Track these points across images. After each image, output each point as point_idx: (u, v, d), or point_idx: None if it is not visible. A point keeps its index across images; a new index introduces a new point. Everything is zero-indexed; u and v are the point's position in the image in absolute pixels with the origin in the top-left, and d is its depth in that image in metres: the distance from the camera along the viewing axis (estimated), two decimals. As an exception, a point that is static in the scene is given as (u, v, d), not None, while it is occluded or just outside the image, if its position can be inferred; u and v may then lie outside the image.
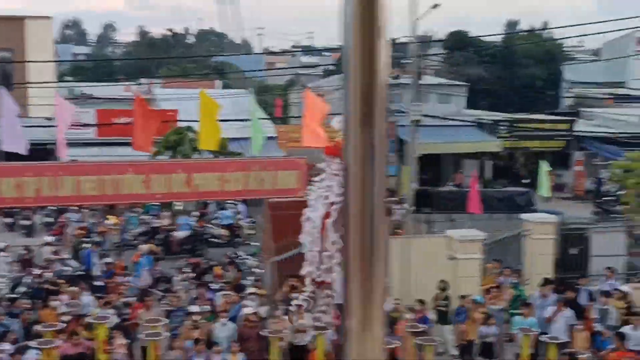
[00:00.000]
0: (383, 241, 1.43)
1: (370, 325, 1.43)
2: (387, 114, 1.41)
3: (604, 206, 27.69)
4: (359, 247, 1.42)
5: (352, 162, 1.41)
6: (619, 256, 17.41)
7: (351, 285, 1.42)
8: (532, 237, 16.62)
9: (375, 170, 1.41)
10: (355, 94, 1.38)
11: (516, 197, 22.71)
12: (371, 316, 1.43)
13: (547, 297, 13.88)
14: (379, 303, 1.43)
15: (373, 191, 1.42)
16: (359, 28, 1.34)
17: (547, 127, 34.79)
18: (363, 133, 1.40)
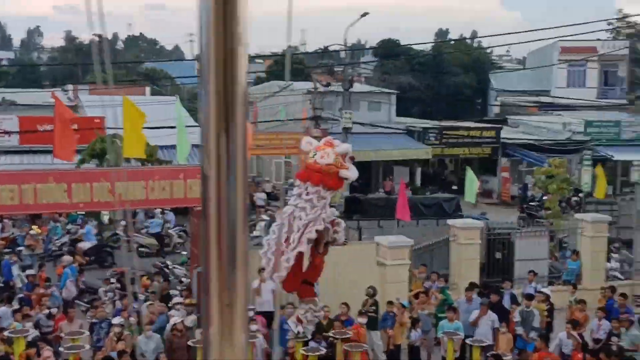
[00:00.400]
0: (244, 250, 1.40)
1: (231, 334, 1.40)
2: (247, 121, 1.38)
3: (529, 211, 28.51)
4: (217, 255, 1.38)
5: (210, 170, 1.37)
6: (541, 260, 17.91)
7: (211, 293, 1.39)
8: (459, 243, 16.95)
9: (237, 178, 1.38)
10: (213, 101, 1.34)
11: (444, 203, 23.15)
12: (231, 325, 1.40)
13: (473, 301, 14.14)
14: (239, 312, 1.40)
15: (232, 199, 1.38)
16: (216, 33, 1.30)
17: (475, 135, 35.65)
18: (222, 140, 1.36)
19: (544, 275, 17.66)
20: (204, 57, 1.32)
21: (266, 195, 31.91)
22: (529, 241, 17.93)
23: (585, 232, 18.09)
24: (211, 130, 1.35)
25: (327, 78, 33.44)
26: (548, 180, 23.19)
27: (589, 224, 18.09)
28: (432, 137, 35.00)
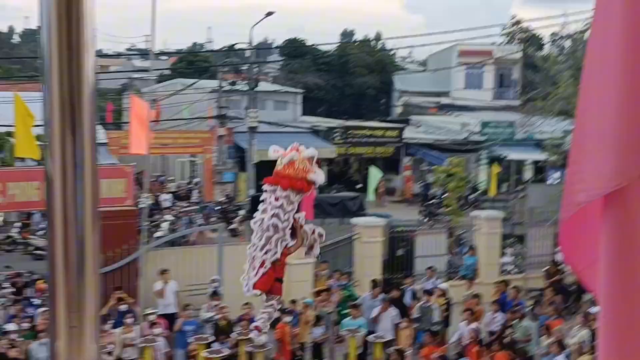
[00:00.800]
0: (93, 255, 1.35)
1: (80, 349, 1.35)
2: (94, 121, 1.34)
3: (429, 209, 29.32)
4: (64, 262, 1.33)
5: (55, 173, 1.32)
6: (440, 256, 18.47)
7: (57, 303, 1.33)
8: (362, 241, 17.23)
9: (84, 180, 1.33)
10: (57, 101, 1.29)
11: (347, 201, 23.45)
12: (80, 341, 1.35)
13: (375, 298, 14.42)
14: (89, 320, 1.35)
15: (80, 206, 1.33)
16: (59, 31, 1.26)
17: (378, 134, 36.33)
18: (67, 142, 1.31)
19: (442, 271, 18.22)
20: (45, 52, 1.26)
21: (171, 194, 31.34)
22: (428, 238, 18.46)
23: (480, 228, 18.79)
24: (55, 131, 1.29)
25: (233, 76, 33.21)
26: (447, 179, 23.93)
27: (484, 220, 18.80)
28: (337, 136, 35.40)
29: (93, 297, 1.34)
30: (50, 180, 1.31)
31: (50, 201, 1.32)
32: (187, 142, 32.22)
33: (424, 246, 18.36)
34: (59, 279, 1.33)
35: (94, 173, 1.34)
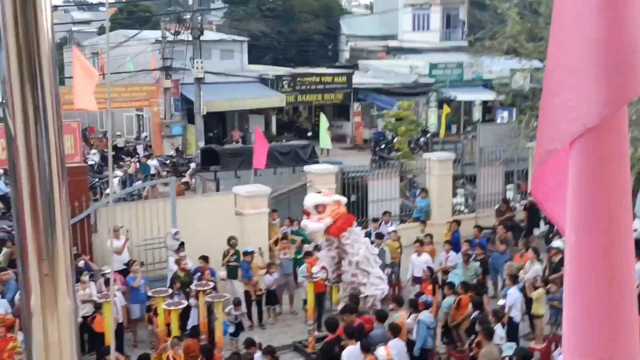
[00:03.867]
0: (62, 210, 1.30)
1: (54, 302, 1.32)
2: (55, 74, 1.27)
3: (380, 154, 29.53)
4: (33, 223, 1.28)
5: (17, 129, 1.25)
6: (393, 200, 18.69)
7: (29, 261, 1.29)
8: (315, 188, 17.25)
9: (49, 134, 1.27)
10: (15, 56, 1.22)
11: (299, 150, 23.37)
12: (55, 292, 1.31)
13: (331, 244, 14.55)
14: (62, 276, 1.31)
15: (45, 157, 1.27)
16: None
17: (327, 81, 36.13)
18: (28, 98, 1.25)
19: (396, 214, 18.46)
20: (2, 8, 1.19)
21: (119, 150, 30.76)
22: (381, 182, 18.60)
23: (432, 170, 19.04)
24: (14, 87, 1.23)
25: (176, 26, 32.35)
26: (397, 123, 24.05)
27: (436, 162, 19.04)
28: (285, 84, 35.09)
29: (64, 251, 1.30)
30: (12, 137, 1.25)
31: (13, 158, 1.26)
32: (132, 95, 31.51)
33: (376, 191, 18.52)
34: (29, 236, 1.28)
35: (59, 127, 1.28)
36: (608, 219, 1.59)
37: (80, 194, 14.32)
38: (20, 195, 1.27)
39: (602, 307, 1.61)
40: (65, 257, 1.31)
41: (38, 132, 1.26)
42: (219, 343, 11.84)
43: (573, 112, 1.56)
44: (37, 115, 1.25)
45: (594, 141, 1.57)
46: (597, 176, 1.59)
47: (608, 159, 1.59)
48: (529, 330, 12.92)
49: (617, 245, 1.61)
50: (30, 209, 1.27)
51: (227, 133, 35.05)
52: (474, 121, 37.16)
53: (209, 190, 20.66)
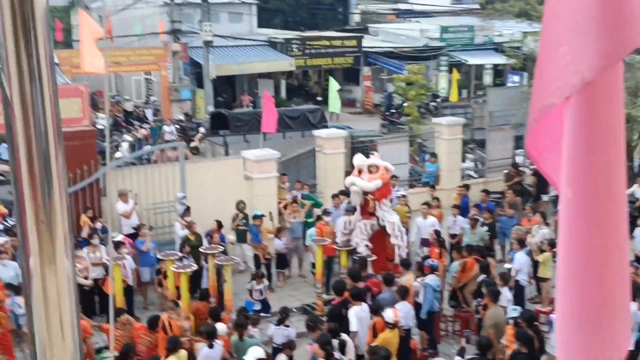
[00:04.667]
0: (59, 173, 1.32)
1: (53, 263, 1.34)
2: (50, 37, 1.28)
3: (390, 118, 29.41)
4: (30, 182, 1.30)
5: (13, 92, 1.26)
6: (403, 164, 18.67)
7: (27, 221, 1.31)
8: (324, 153, 17.28)
9: (44, 99, 1.28)
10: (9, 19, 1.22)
11: (308, 114, 23.32)
12: (53, 253, 1.34)
13: (337, 208, 14.61)
14: (60, 237, 1.34)
15: (41, 120, 1.29)
16: None
17: (337, 44, 35.83)
18: (23, 62, 1.25)
19: (405, 179, 18.47)
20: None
21: (128, 114, 30.78)
22: (391, 147, 18.56)
23: (441, 135, 18.97)
24: (9, 50, 1.23)
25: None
26: (407, 87, 23.89)
27: (445, 127, 18.95)
28: (295, 48, 34.84)
29: (63, 214, 1.32)
30: (8, 101, 1.27)
31: (10, 122, 1.28)
32: (140, 59, 31.36)
33: (386, 155, 18.47)
34: (27, 198, 1.30)
35: (54, 91, 1.29)
36: (604, 173, 1.60)
37: (89, 158, 14.40)
38: (17, 158, 1.29)
39: (595, 262, 1.63)
40: (62, 218, 1.33)
41: (34, 95, 1.27)
42: (228, 305, 12.00)
43: (571, 65, 1.56)
44: (33, 78, 1.26)
45: (590, 96, 1.58)
46: (593, 131, 1.60)
47: (603, 113, 1.59)
48: (536, 293, 13.02)
49: (612, 200, 1.62)
50: (27, 171, 1.29)
51: (237, 97, 34.95)
52: (485, 85, 36.85)
53: (218, 154, 20.72)
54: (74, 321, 1.47)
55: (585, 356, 1.70)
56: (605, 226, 1.62)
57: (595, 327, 1.66)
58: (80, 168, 14.11)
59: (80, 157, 13.88)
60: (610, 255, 1.63)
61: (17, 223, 1.36)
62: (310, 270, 14.35)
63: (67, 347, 1.48)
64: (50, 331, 1.45)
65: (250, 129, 22.10)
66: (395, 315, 9.32)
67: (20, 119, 1.26)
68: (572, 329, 1.69)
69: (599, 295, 1.64)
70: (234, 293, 12.64)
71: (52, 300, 1.38)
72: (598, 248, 1.62)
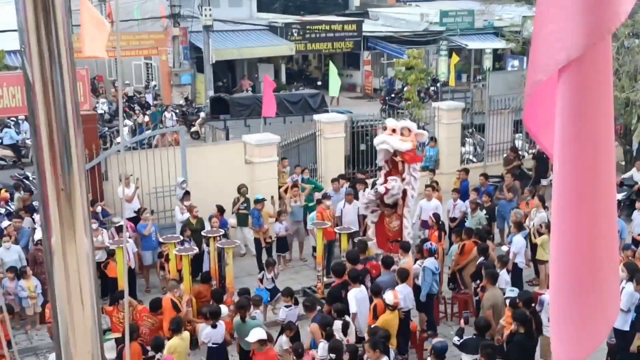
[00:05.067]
0: (78, 153, 1.40)
1: (73, 242, 1.42)
2: (69, 23, 1.35)
3: (390, 103, 29.41)
4: (51, 162, 1.38)
5: (35, 76, 1.33)
6: (402, 148, 18.69)
7: (49, 202, 1.39)
8: (325, 137, 17.34)
9: (64, 80, 1.35)
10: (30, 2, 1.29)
11: (309, 99, 23.35)
12: (73, 230, 1.42)
13: (337, 192, 14.71)
14: (79, 217, 1.42)
15: (61, 102, 1.36)
16: None
17: (337, 29, 35.75)
18: (43, 42, 1.33)
19: (405, 163, 18.51)
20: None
21: (129, 99, 30.77)
22: (390, 131, 18.58)
23: (441, 119, 19.02)
24: (31, 34, 1.30)
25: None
26: (407, 72, 23.85)
27: (445, 111, 19.00)
28: (295, 32, 34.76)
29: (82, 192, 1.40)
30: (30, 84, 1.34)
31: (32, 104, 1.35)
32: (140, 44, 31.34)
33: (386, 139, 18.52)
34: (48, 179, 1.37)
35: (73, 73, 1.36)
36: (591, 146, 1.68)
37: (89, 142, 14.43)
38: (39, 140, 1.36)
39: (585, 232, 1.71)
40: (82, 199, 1.40)
41: (54, 77, 1.33)
42: (230, 288, 12.12)
43: (558, 42, 1.63)
44: (53, 62, 1.33)
45: (580, 72, 1.65)
46: (581, 105, 1.67)
47: (592, 89, 1.67)
48: (534, 276, 13.15)
49: (599, 170, 1.70)
50: (49, 152, 1.36)
51: (237, 82, 34.93)
52: (484, 70, 36.80)
53: (218, 139, 20.78)
54: (92, 290, 1.56)
55: (577, 327, 1.78)
56: (593, 195, 1.70)
57: (586, 297, 1.75)
58: (83, 152, 14.19)
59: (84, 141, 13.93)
60: (599, 225, 1.71)
61: (39, 204, 1.42)
62: (312, 254, 14.48)
63: (87, 315, 1.57)
64: (70, 302, 1.53)
65: (251, 114, 22.17)
66: (395, 297, 9.44)
67: (42, 100, 1.33)
68: (564, 299, 1.78)
69: (589, 264, 1.72)
70: (235, 276, 12.77)
71: (73, 278, 1.46)
72: (587, 218, 1.70)
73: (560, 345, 1.77)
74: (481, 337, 8.68)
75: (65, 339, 1.55)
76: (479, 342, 8.50)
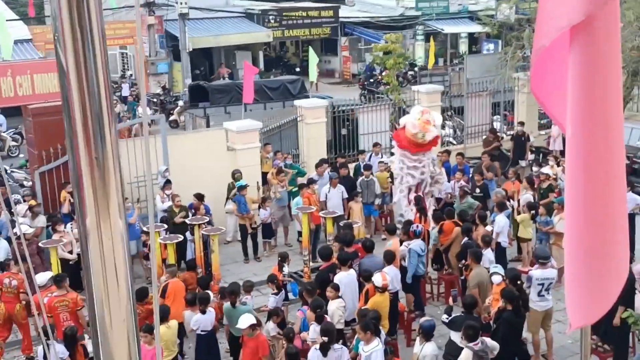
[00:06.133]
0: (113, 145, 1.45)
1: (106, 221, 1.49)
2: (101, 10, 1.39)
3: (369, 87, 29.50)
4: (86, 148, 1.43)
5: (69, 63, 1.38)
6: (383, 132, 18.84)
7: (84, 185, 1.45)
8: (306, 122, 17.38)
9: (97, 67, 1.40)
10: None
11: (288, 85, 23.34)
12: (106, 212, 1.48)
13: (321, 176, 14.79)
14: (114, 199, 1.47)
15: (95, 88, 1.41)
16: None
17: (314, 15, 35.69)
18: (76, 30, 1.37)
19: (386, 147, 18.65)
20: None
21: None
22: (371, 115, 18.72)
23: (421, 102, 19.13)
24: (64, 21, 1.34)
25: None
26: (385, 57, 23.93)
27: (425, 94, 19.13)
28: (271, 19, 34.65)
29: (115, 176, 1.45)
30: (64, 71, 1.38)
31: (66, 91, 1.39)
32: (115, 33, 31.02)
33: (367, 124, 18.65)
34: (83, 164, 1.42)
35: (106, 60, 1.41)
36: (601, 108, 1.76)
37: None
38: (74, 129, 1.41)
39: (596, 194, 1.79)
40: (116, 181, 1.45)
41: (87, 65, 1.38)
42: (216, 275, 12.17)
43: (561, 8, 1.70)
44: (86, 49, 1.37)
45: (589, 39, 1.72)
46: (591, 70, 1.74)
47: (602, 55, 1.74)
48: (517, 254, 13.38)
49: (609, 131, 1.77)
50: (84, 141, 1.40)
51: (214, 70, 34.77)
52: (460, 53, 37.01)
53: (199, 126, 20.71)
54: (127, 271, 1.62)
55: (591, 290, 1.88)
56: (604, 155, 1.78)
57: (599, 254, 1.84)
58: (61, 142, 14.04)
59: (59, 132, 13.78)
60: (610, 186, 1.80)
61: (74, 188, 1.47)
62: (297, 239, 14.57)
63: (122, 293, 1.63)
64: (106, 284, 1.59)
65: (230, 101, 22.12)
66: (383, 279, 9.54)
67: (76, 87, 1.36)
68: (579, 265, 1.87)
69: (602, 222, 1.82)
70: (221, 264, 12.81)
71: (108, 258, 1.52)
72: (599, 180, 1.79)
73: (577, 309, 1.86)
74: (469, 315, 8.83)
75: (102, 319, 1.61)
76: (466, 319, 8.66)
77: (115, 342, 1.61)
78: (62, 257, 11.99)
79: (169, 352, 9.12)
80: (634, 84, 17.14)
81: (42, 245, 11.97)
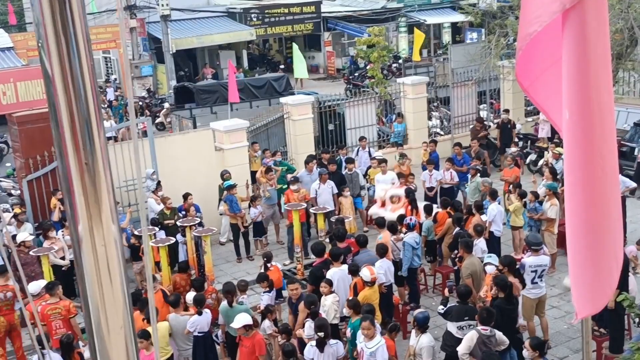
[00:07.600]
0: (102, 143, 1.44)
1: (99, 227, 1.47)
2: (85, 17, 1.38)
3: (354, 82, 29.49)
4: (75, 156, 1.42)
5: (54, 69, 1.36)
6: (370, 126, 18.85)
7: (75, 191, 1.43)
8: (293, 119, 17.35)
9: (83, 72, 1.38)
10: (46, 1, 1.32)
11: (273, 82, 23.30)
12: (99, 217, 1.47)
13: (311, 172, 14.78)
14: (105, 204, 1.46)
15: (81, 93, 1.39)
16: None
17: (296, 11, 35.61)
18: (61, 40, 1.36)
19: (373, 140, 18.68)
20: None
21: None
22: (357, 110, 18.71)
23: (407, 94, 19.17)
24: (48, 27, 1.32)
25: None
26: (369, 50, 23.93)
27: (410, 86, 19.15)
28: (254, 17, 34.55)
29: (106, 181, 1.43)
30: (49, 77, 1.36)
31: (52, 97, 1.38)
32: (97, 37, 30.85)
33: (353, 118, 18.65)
34: (73, 170, 1.41)
35: (92, 64, 1.39)
36: (594, 90, 1.76)
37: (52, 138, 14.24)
38: (62, 135, 1.39)
39: (592, 176, 1.80)
40: (107, 186, 1.44)
41: (73, 70, 1.36)
42: (210, 276, 12.14)
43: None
44: (71, 54, 1.35)
45: (582, 20, 1.72)
46: (583, 54, 1.74)
47: (594, 36, 1.74)
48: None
49: (602, 111, 1.78)
50: (72, 147, 1.39)
51: (199, 70, 34.64)
52: (444, 44, 37.06)
53: (185, 128, 20.64)
54: (122, 274, 1.61)
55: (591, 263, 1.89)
56: (599, 137, 1.79)
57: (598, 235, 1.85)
58: (48, 150, 13.96)
59: (46, 139, 13.71)
60: (605, 168, 1.81)
61: (64, 194, 1.45)
62: (287, 236, 14.55)
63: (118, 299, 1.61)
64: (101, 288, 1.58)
65: (216, 101, 22.06)
66: (371, 273, 9.53)
67: (62, 93, 1.35)
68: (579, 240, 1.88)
69: (598, 205, 1.82)
70: (214, 264, 12.78)
71: (102, 264, 1.50)
72: (594, 163, 1.80)
73: (582, 299, 1.87)
74: (464, 304, 8.85)
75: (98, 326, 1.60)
76: (462, 309, 8.68)
77: (113, 349, 1.60)
78: (54, 263, 11.92)
79: (163, 352, 9.13)
80: (618, 66, 17.22)
81: (34, 253, 11.89)
